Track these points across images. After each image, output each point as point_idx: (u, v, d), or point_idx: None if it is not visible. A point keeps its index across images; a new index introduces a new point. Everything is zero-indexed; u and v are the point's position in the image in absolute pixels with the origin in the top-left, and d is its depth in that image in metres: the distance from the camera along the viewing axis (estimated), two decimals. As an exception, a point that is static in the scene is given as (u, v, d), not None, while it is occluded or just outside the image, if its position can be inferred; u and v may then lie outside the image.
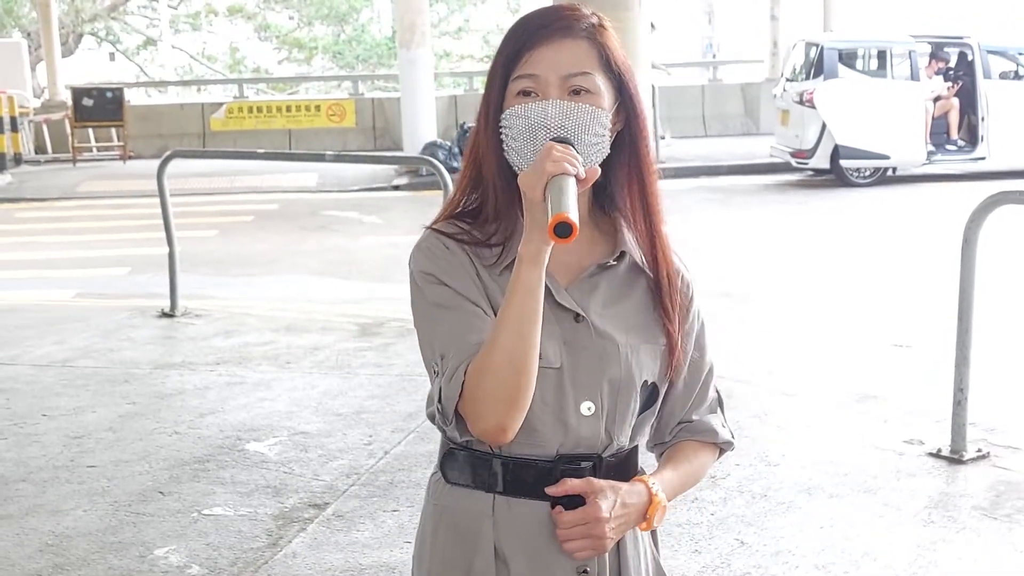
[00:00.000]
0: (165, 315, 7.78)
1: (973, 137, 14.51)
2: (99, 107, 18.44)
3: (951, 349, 4.94)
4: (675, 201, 12.67)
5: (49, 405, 5.91)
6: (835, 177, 14.18)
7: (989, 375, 5.88)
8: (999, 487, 4.62)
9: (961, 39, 15.06)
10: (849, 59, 14.68)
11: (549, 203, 1.56)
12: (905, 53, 14.45)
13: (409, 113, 16.35)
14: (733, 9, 37.33)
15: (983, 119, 14.36)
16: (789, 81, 15.00)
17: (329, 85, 29.31)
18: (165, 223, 7.77)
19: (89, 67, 34.91)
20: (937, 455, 4.94)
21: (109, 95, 18.61)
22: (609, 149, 1.74)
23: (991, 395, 5.67)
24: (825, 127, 13.92)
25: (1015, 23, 25.02)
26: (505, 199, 1.76)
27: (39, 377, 6.44)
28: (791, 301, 8.24)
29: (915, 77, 14.25)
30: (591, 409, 1.73)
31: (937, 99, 14.57)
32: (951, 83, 14.74)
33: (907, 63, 14.38)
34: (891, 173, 14.28)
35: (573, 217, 1.53)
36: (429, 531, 1.84)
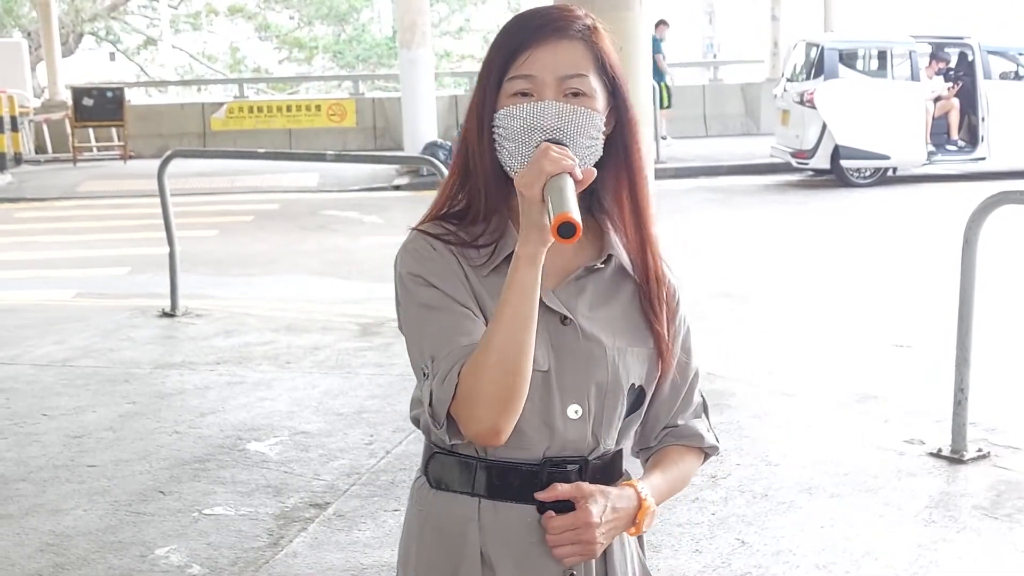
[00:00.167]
0: (165, 315, 7.78)
1: (973, 137, 14.51)
2: (99, 107, 18.42)
3: (951, 349, 4.94)
4: (675, 201, 12.68)
5: (49, 405, 5.91)
6: (835, 177, 14.18)
7: (989, 375, 5.88)
8: (999, 487, 4.63)
9: (961, 39, 15.06)
10: (849, 59, 14.68)
11: (550, 203, 1.55)
12: (905, 53, 14.44)
13: (409, 113, 16.35)
14: (734, 9, 37.32)
15: (983, 119, 14.36)
16: (789, 81, 15.00)
17: (329, 85, 29.32)
18: (165, 223, 7.78)
19: (89, 67, 34.93)
20: (937, 455, 4.94)
21: (109, 95, 18.59)
22: (602, 151, 1.72)
23: (991, 395, 5.68)
24: (825, 127, 13.91)
25: (1015, 23, 25.02)
26: (495, 200, 1.74)
27: (39, 377, 6.44)
28: (791, 301, 8.24)
29: (915, 77, 14.25)
30: (578, 412, 1.72)
31: (937, 99, 14.57)
32: (951, 83, 14.74)
33: (907, 63, 14.38)
34: (891, 173, 14.28)
35: (576, 217, 1.52)
36: (414, 537, 1.82)
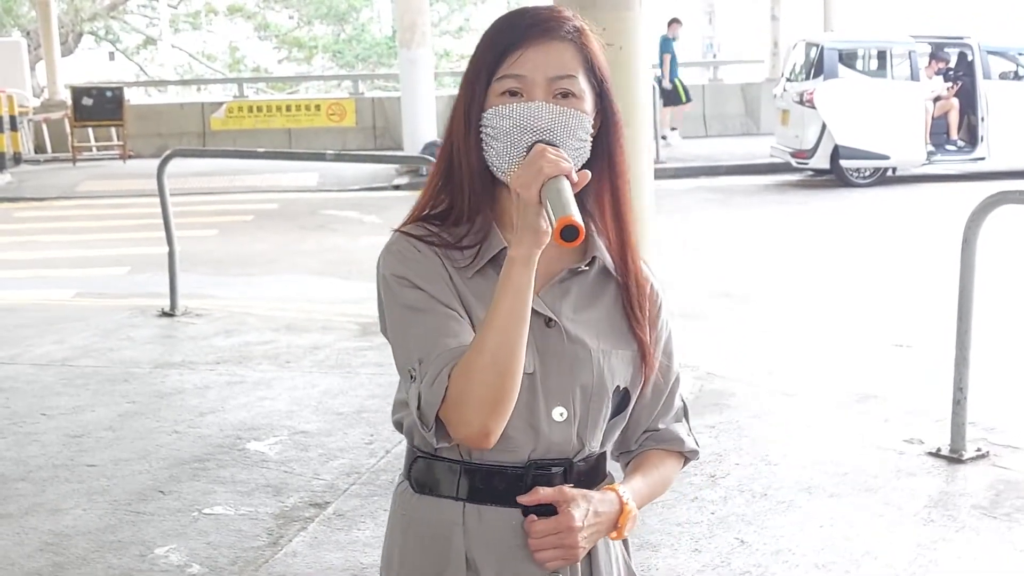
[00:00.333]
0: (165, 314, 7.77)
1: (973, 137, 14.50)
2: (99, 106, 18.40)
3: (951, 349, 4.94)
4: (675, 201, 12.67)
5: (49, 404, 5.91)
6: (835, 177, 14.17)
7: (989, 375, 5.88)
8: (999, 486, 4.63)
9: (961, 39, 15.05)
10: (849, 59, 14.68)
11: (549, 206, 1.54)
12: (905, 53, 14.44)
13: (409, 113, 16.34)
14: (733, 9, 37.33)
15: (983, 119, 14.35)
16: (789, 81, 14.99)
17: (329, 84, 29.32)
18: (165, 222, 7.77)
19: (89, 66, 34.93)
20: (937, 454, 4.94)
21: (109, 94, 18.57)
22: (589, 154, 1.72)
23: (991, 395, 5.68)
24: (825, 127, 13.91)
25: (1015, 23, 25.02)
26: (479, 200, 1.73)
27: (39, 376, 6.43)
28: (791, 301, 8.24)
29: (915, 77, 14.24)
30: (563, 415, 1.71)
31: (937, 99, 14.56)
32: (951, 83, 14.74)
33: (907, 63, 14.37)
34: (891, 173, 14.27)
35: (578, 220, 1.51)
36: (397, 543, 1.80)
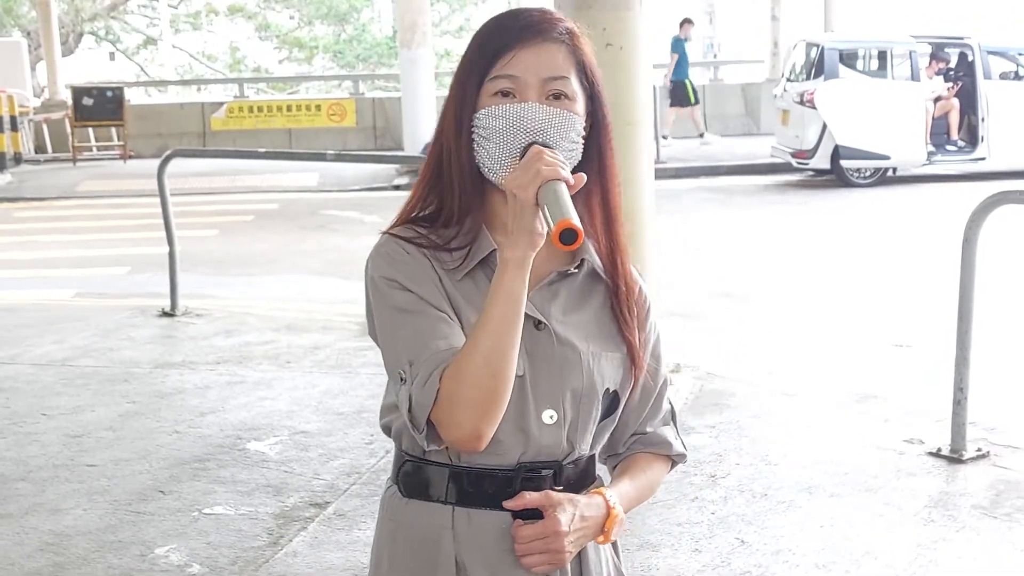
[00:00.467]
0: (165, 314, 7.77)
1: (973, 137, 14.50)
2: (99, 106, 18.40)
3: (951, 349, 4.94)
4: (675, 201, 12.67)
5: (49, 404, 5.91)
6: (835, 177, 14.17)
7: (989, 375, 5.88)
8: (999, 486, 4.63)
9: (961, 39, 15.05)
10: (849, 59, 14.67)
11: (547, 209, 1.53)
12: (905, 53, 14.44)
13: (410, 113, 16.34)
14: (734, 9, 37.34)
15: (983, 119, 14.35)
16: (790, 81, 14.99)
17: (329, 85, 29.32)
18: (165, 222, 7.77)
19: (89, 66, 34.93)
20: (937, 454, 4.94)
21: (109, 94, 18.57)
22: (581, 155, 1.71)
23: (991, 395, 5.68)
24: (825, 127, 13.91)
25: (1015, 23, 25.02)
26: (469, 201, 1.72)
27: (39, 376, 6.43)
28: (791, 301, 8.24)
29: (915, 77, 14.24)
30: (553, 418, 1.70)
31: (937, 99, 14.56)
32: (951, 83, 14.73)
33: (907, 63, 14.37)
34: (891, 173, 14.27)
35: (577, 223, 1.51)
36: (386, 547, 1.79)
